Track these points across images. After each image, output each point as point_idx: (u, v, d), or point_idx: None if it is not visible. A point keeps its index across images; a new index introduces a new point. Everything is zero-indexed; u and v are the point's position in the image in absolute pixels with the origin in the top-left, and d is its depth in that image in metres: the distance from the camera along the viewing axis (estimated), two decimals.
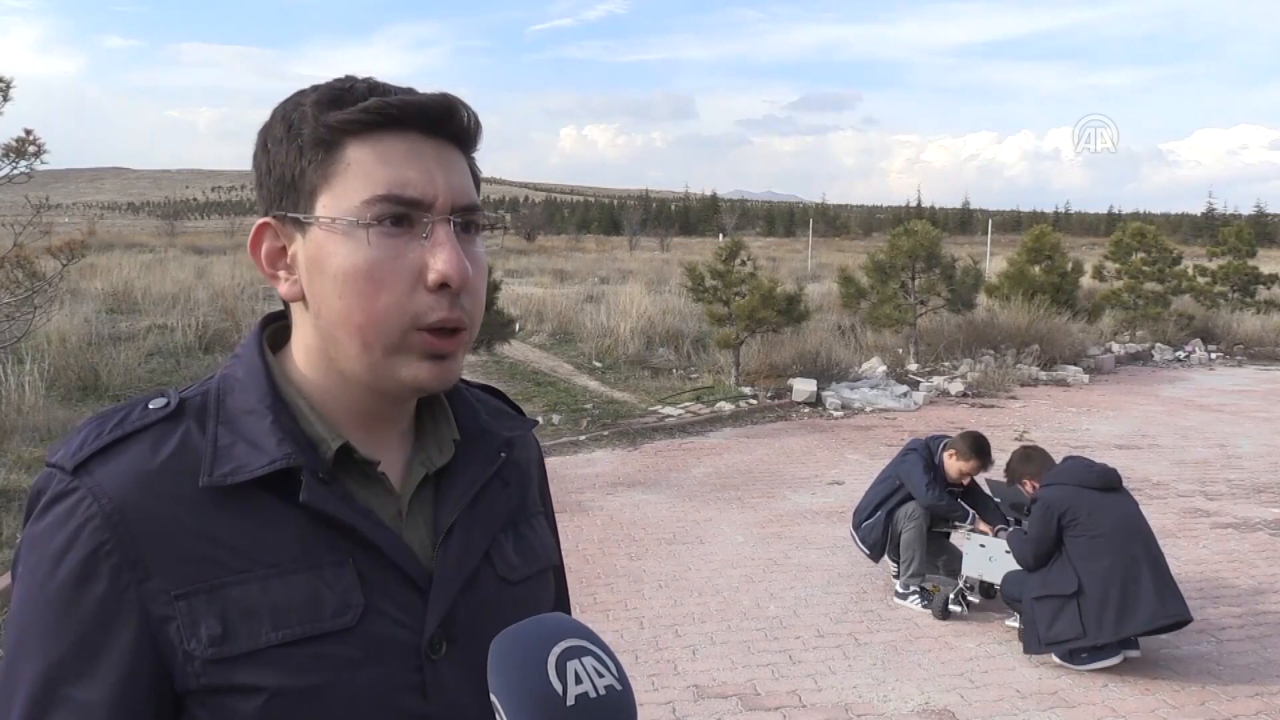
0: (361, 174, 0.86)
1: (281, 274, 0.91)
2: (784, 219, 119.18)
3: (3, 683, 0.82)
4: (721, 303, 11.76)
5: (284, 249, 0.91)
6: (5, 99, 6.90)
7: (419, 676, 0.88)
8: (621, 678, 0.77)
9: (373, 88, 0.88)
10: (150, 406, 0.89)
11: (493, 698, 0.75)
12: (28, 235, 7.42)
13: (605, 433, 9.62)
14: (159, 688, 0.82)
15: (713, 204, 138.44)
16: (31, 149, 7.02)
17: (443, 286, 0.86)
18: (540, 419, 9.99)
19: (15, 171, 7.02)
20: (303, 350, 0.93)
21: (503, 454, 1.01)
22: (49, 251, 7.41)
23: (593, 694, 0.74)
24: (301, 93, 0.90)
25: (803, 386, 11.41)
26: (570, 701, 0.73)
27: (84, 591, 0.80)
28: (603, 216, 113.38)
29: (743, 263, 11.88)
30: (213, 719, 0.83)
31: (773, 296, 11.36)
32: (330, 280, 0.86)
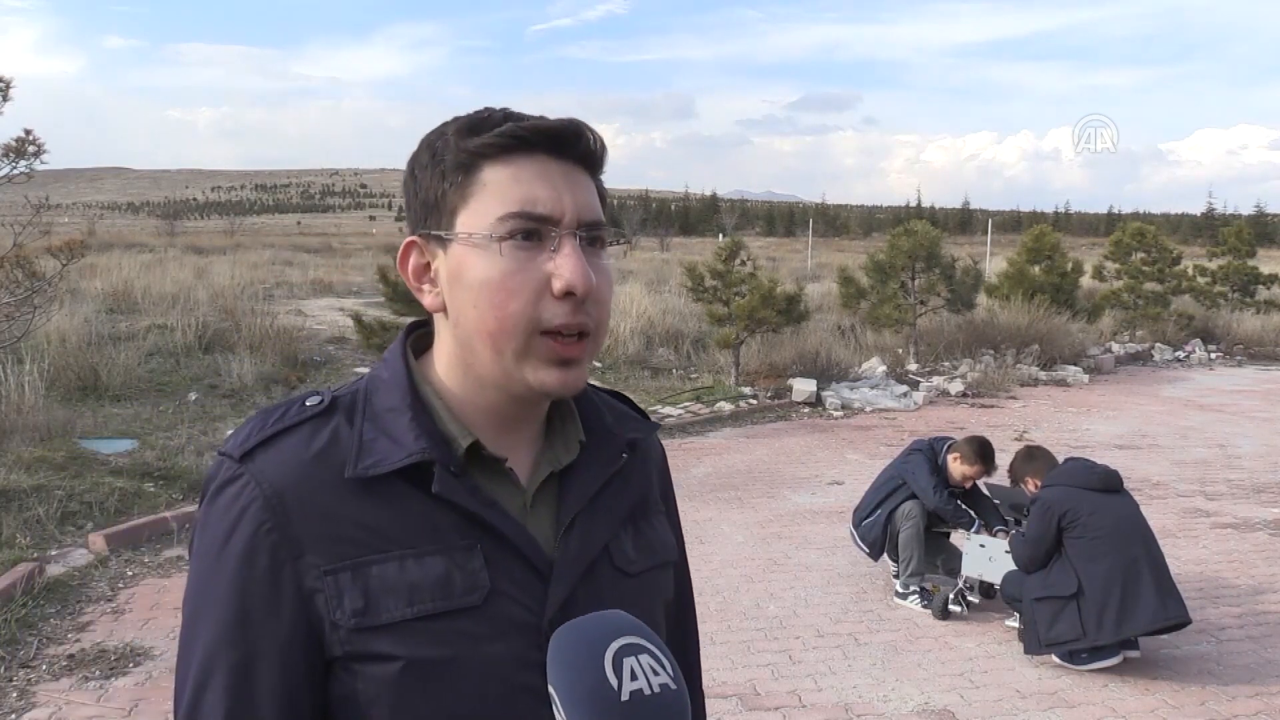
0: (496, 193, 0.94)
1: (426, 287, 1.01)
2: (784, 219, 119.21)
3: (182, 643, 0.94)
4: (721, 303, 11.76)
5: (428, 264, 1.00)
6: (5, 99, 6.89)
7: (539, 654, 0.92)
8: (676, 677, 0.80)
9: (508, 115, 0.97)
10: (306, 404, 0.99)
11: (550, 689, 0.80)
12: (27, 235, 7.42)
13: None
14: (311, 651, 0.92)
15: (713, 204, 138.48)
16: (31, 149, 7.02)
17: (568, 295, 0.93)
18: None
19: (15, 171, 7.01)
20: (444, 356, 1.02)
21: (624, 454, 1.08)
22: (49, 251, 7.41)
23: (647, 691, 0.77)
24: (445, 124, 0.99)
25: (803, 386, 11.41)
26: (625, 697, 0.76)
27: (249, 565, 0.91)
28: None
29: (743, 263, 11.88)
30: (355, 682, 0.92)
31: (773, 296, 11.36)
32: (467, 290, 0.95)
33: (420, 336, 1.07)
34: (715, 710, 4.17)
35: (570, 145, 0.97)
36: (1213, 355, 16.98)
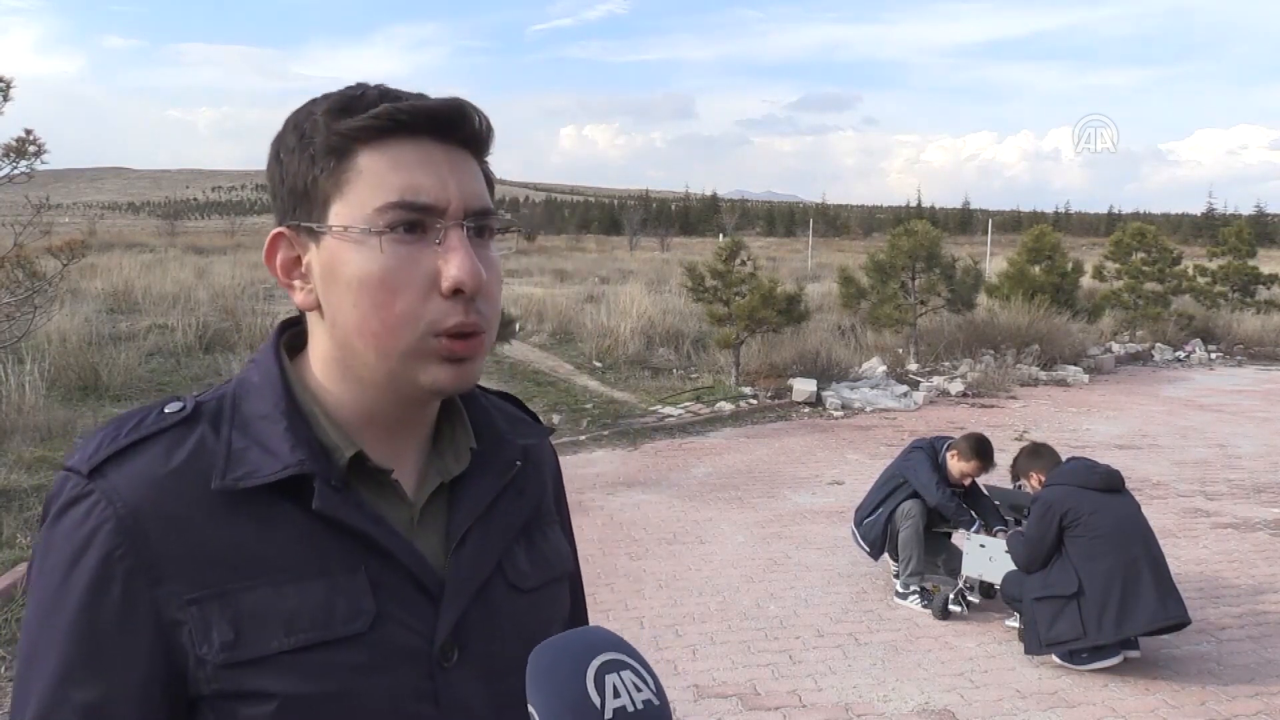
0: (373, 181, 0.86)
1: (297, 283, 0.91)
2: (784, 219, 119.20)
3: (18, 684, 0.83)
4: (722, 303, 11.76)
5: (299, 258, 0.91)
6: (6, 99, 6.90)
7: (430, 684, 0.88)
8: (659, 693, 0.77)
9: (384, 94, 0.88)
10: (166, 411, 0.89)
11: (530, 709, 0.75)
12: (28, 235, 7.42)
13: (605, 432, 9.63)
14: (172, 692, 0.82)
15: (713, 204, 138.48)
16: (32, 149, 7.02)
17: (457, 292, 0.86)
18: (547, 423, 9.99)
19: (15, 171, 7.02)
20: (319, 358, 0.93)
21: (518, 462, 1.01)
22: (49, 251, 7.41)
23: (630, 709, 0.74)
24: (313, 101, 0.90)
25: (803, 386, 11.41)
26: (608, 715, 0.73)
27: (99, 595, 0.81)
28: (603, 216, 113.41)
29: (743, 263, 11.87)
30: None
31: (773, 296, 11.36)
32: (345, 289, 0.87)
33: (295, 335, 0.97)
34: (715, 710, 4.18)
35: (454, 127, 0.89)
36: (1213, 355, 16.98)
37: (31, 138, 7.02)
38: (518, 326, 13.50)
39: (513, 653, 0.91)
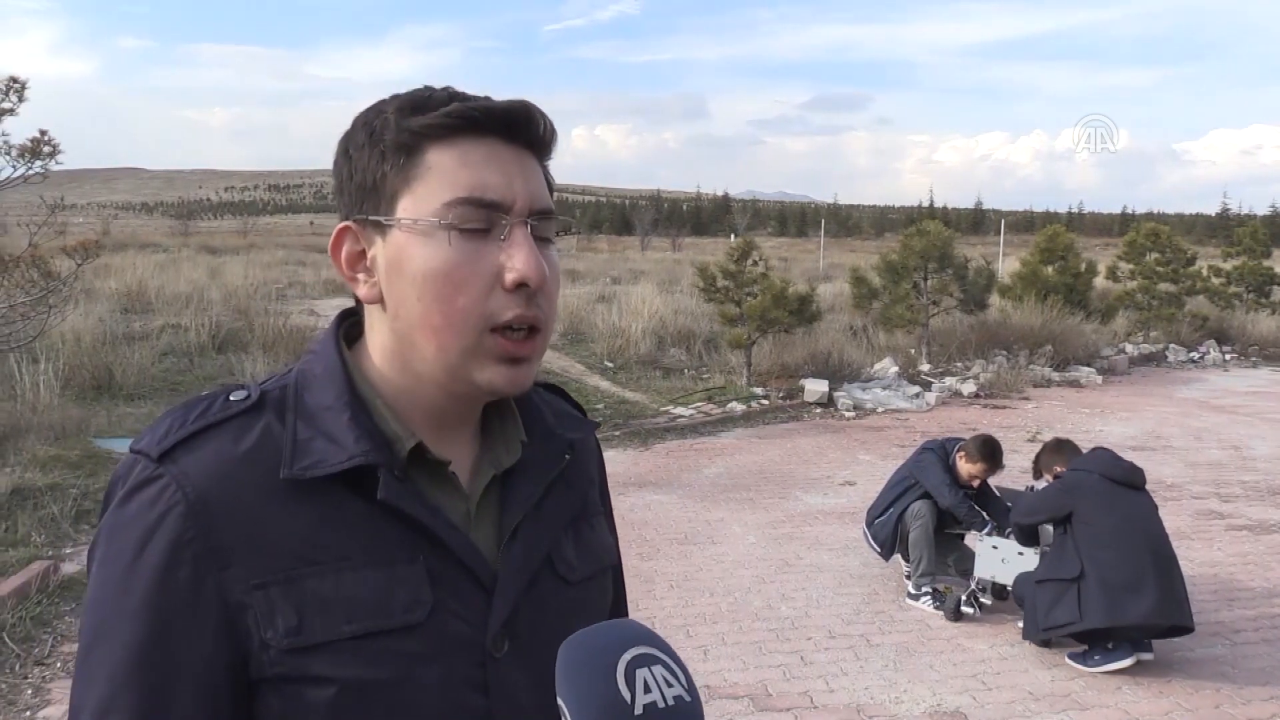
0: (442, 177, 0.88)
1: (361, 276, 0.93)
2: (796, 219, 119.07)
3: (81, 665, 0.84)
4: (733, 303, 11.75)
5: (363, 252, 0.92)
6: (20, 99, 6.94)
7: (482, 673, 0.89)
8: (691, 688, 0.76)
9: (453, 95, 0.90)
10: (231, 398, 0.90)
11: (559, 702, 0.75)
12: (43, 235, 7.46)
13: (617, 433, 9.63)
14: (235, 674, 0.84)
15: (725, 204, 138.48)
16: (46, 149, 7.07)
17: (520, 286, 0.87)
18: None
19: (30, 172, 7.06)
20: (379, 350, 0.94)
21: (567, 456, 1.02)
22: (64, 251, 7.46)
23: (661, 704, 0.73)
24: (383, 101, 0.92)
25: (814, 387, 11.39)
26: (638, 711, 0.72)
27: (168, 577, 0.82)
28: (614, 216, 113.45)
29: (755, 263, 11.86)
30: (285, 707, 0.85)
31: (784, 297, 11.35)
32: (409, 282, 0.88)
33: (352, 326, 0.99)
34: (727, 711, 4.17)
35: (521, 128, 0.91)
36: (1227, 356, 16.89)
37: (46, 138, 7.06)
38: None
39: (559, 643, 0.93)
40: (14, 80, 6.90)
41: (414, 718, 0.87)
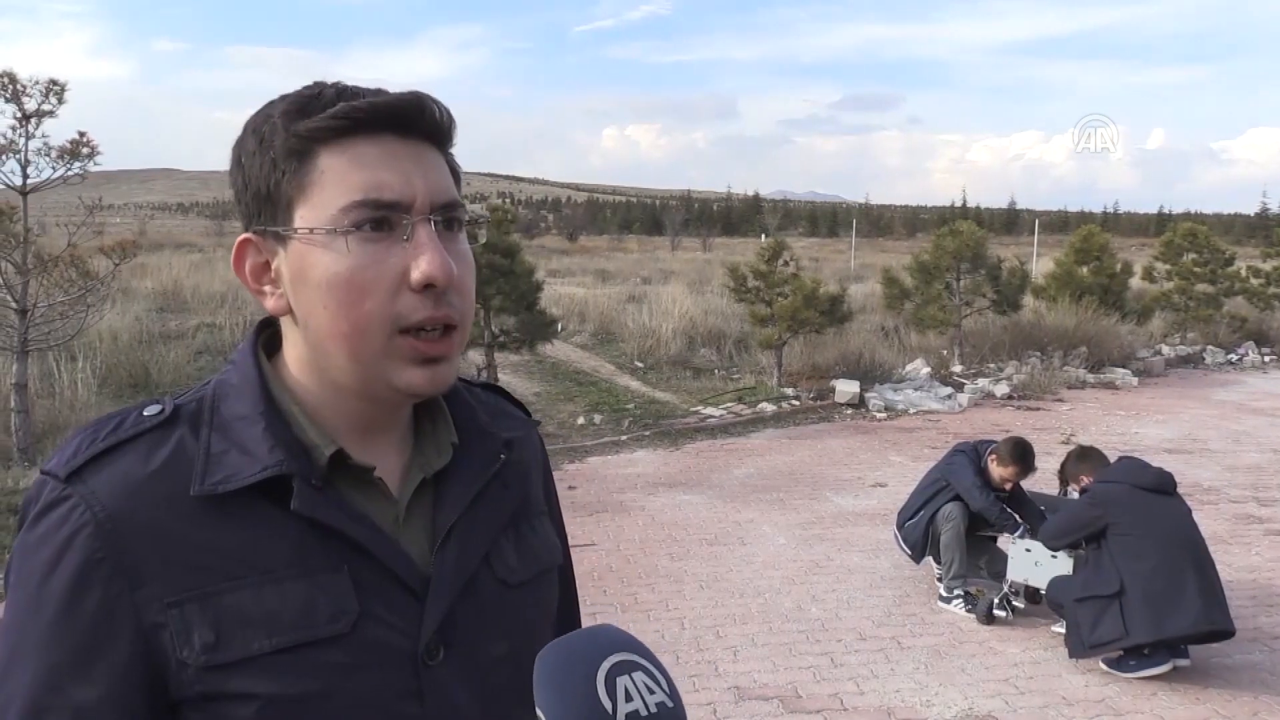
0: (336, 181, 0.85)
1: (267, 289, 0.91)
2: (827, 219, 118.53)
3: None
4: (764, 303, 11.72)
5: (267, 263, 0.90)
6: (60, 102, 7.04)
7: (415, 682, 0.87)
8: (673, 694, 0.75)
9: (341, 92, 0.87)
10: (144, 413, 0.88)
11: (538, 713, 0.74)
12: (81, 235, 7.57)
13: (647, 433, 9.63)
14: (154, 695, 0.82)
15: (755, 204, 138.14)
16: (85, 151, 7.17)
17: (428, 287, 0.85)
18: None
19: (69, 173, 7.17)
20: (295, 360, 0.92)
21: (502, 455, 1.00)
22: (101, 251, 7.56)
23: (643, 712, 0.72)
24: (270, 104, 0.89)
25: (845, 388, 11.34)
26: (620, 719, 0.71)
27: (78, 600, 0.80)
28: (645, 217, 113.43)
29: (785, 263, 11.83)
30: None
31: (815, 297, 11.31)
32: (314, 291, 0.86)
33: (272, 336, 0.96)
34: (756, 712, 4.16)
35: (414, 121, 0.87)
36: (1266, 358, 16.63)
37: (85, 140, 7.17)
38: (560, 326, 13.54)
39: (501, 649, 0.92)
40: (54, 83, 7.01)
41: None
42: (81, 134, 7.18)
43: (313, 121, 0.85)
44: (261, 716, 0.82)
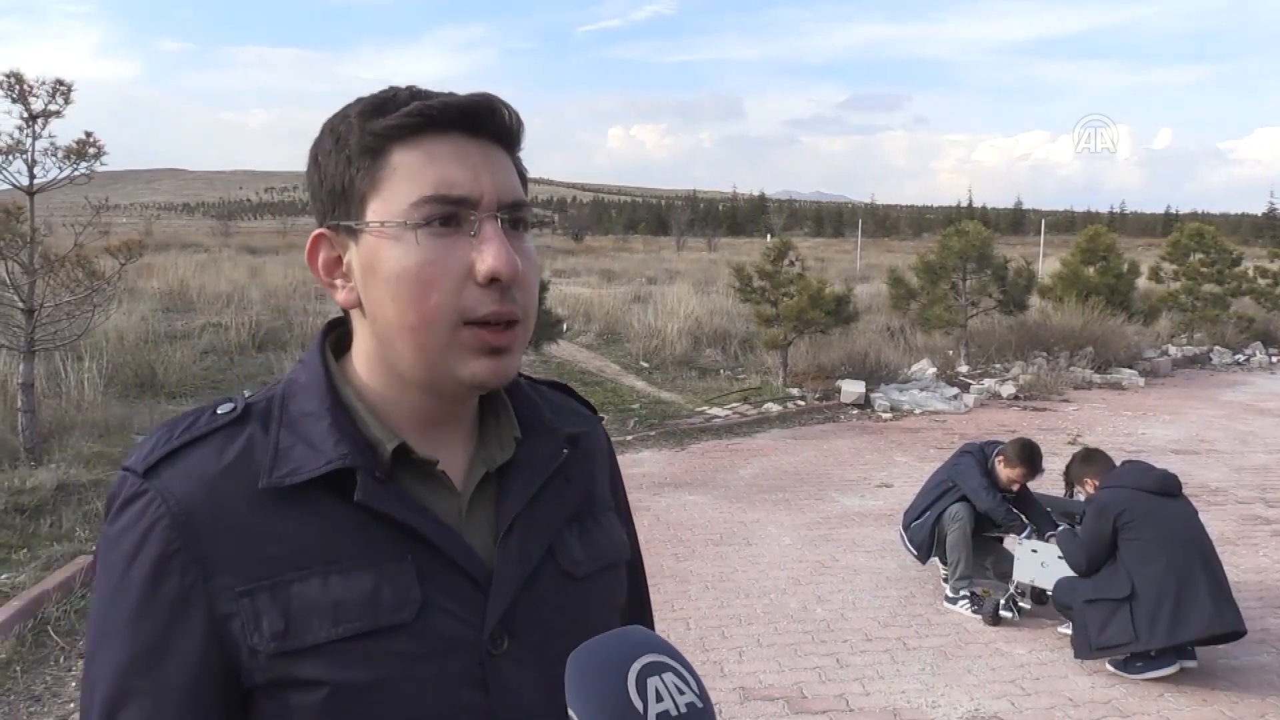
0: (408, 177, 0.88)
1: (338, 282, 0.94)
2: (832, 219, 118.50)
3: (86, 671, 0.87)
4: (769, 303, 11.71)
5: (339, 258, 0.93)
6: (67, 102, 7.05)
7: (480, 672, 0.89)
8: (703, 695, 0.76)
9: (415, 94, 0.90)
10: (218, 411, 0.92)
11: (570, 713, 0.74)
12: (87, 235, 7.58)
13: (652, 433, 9.62)
14: (226, 681, 0.85)
15: (760, 204, 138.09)
16: (91, 151, 7.17)
17: (493, 281, 0.87)
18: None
19: (76, 173, 7.17)
20: (363, 355, 0.95)
21: (565, 450, 1.02)
22: (107, 251, 7.57)
23: (674, 712, 0.73)
24: (347, 106, 0.92)
25: (851, 388, 11.33)
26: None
27: (155, 589, 0.84)
28: (650, 217, 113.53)
29: (791, 263, 11.82)
30: (278, 712, 0.86)
31: (821, 297, 11.29)
32: (383, 284, 0.88)
33: (340, 336, 1.00)
34: (762, 713, 4.16)
35: (484, 121, 0.90)
36: (1274, 359, 16.59)
37: (91, 140, 7.17)
38: (565, 326, 13.54)
39: (565, 640, 0.91)
40: (60, 83, 7.02)
41: (411, 717, 0.87)
42: (88, 134, 7.18)
43: (388, 119, 0.88)
44: (329, 703, 0.85)
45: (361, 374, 0.95)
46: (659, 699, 0.73)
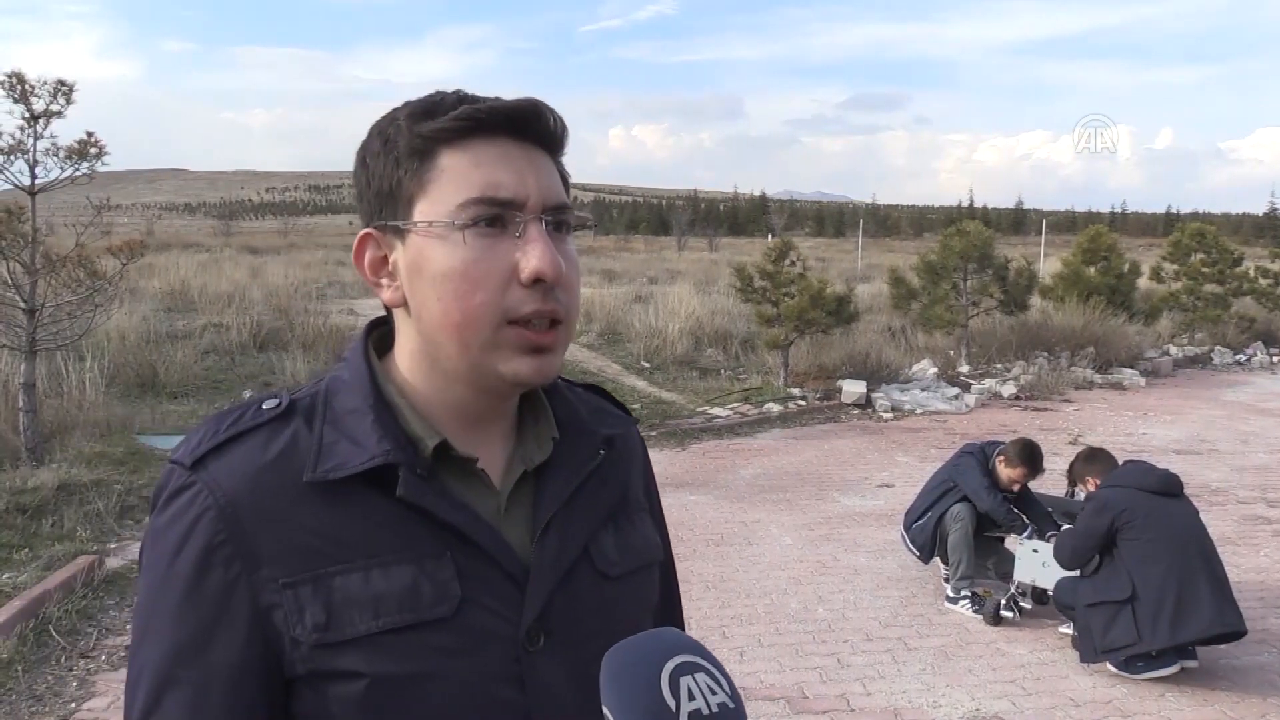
0: (455, 179, 0.90)
1: (384, 281, 0.96)
2: (834, 219, 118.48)
3: (132, 659, 0.89)
4: (770, 303, 11.71)
5: (385, 257, 0.95)
6: (68, 102, 7.05)
7: (516, 668, 0.91)
8: (734, 695, 0.77)
9: (462, 98, 0.92)
10: (263, 407, 0.94)
11: (605, 711, 0.76)
12: (89, 235, 7.58)
13: (653, 433, 9.62)
14: (269, 671, 0.87)
15: (761, 204, 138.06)
16: (93, 151, 7.17)
17: (537, 281, 0.89)
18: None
19: (77, 173, 7.17)
20: (406, 354, 0.97)
21: (601, 451, 1.04)
22: (109, 251, 7.56)
23: (705, 711, 0.74)
24: (396, 109, 0.94)
25: (852, 388, 11.33)
26: (683, 718, 0.74)
27: (201, 580, 0.86)
28: (651, 217, 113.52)
29: (792, 263, 11.82)
30: (318, 702, 0.87)
31: (822, 297, 11.29)
32: (429, 283, 0.90)
33: (383, 335, 1.02)
34: (763, 713, 4.16)
35: (530, 126, 0.93)
36: (1275, 359, 16.58)
37: (93, 140, 7.17)
38: None
39: (599, 639, 0.93)
40: (62, 83, 7.02)
41: (447, 711, 0.88)
42: (89, 134, 7.18)
43: (436, 123, 0.90)
44: (369, 694, 0.86)
45: (404, 372, 0.97)
46: (691, 698, 0.75)
